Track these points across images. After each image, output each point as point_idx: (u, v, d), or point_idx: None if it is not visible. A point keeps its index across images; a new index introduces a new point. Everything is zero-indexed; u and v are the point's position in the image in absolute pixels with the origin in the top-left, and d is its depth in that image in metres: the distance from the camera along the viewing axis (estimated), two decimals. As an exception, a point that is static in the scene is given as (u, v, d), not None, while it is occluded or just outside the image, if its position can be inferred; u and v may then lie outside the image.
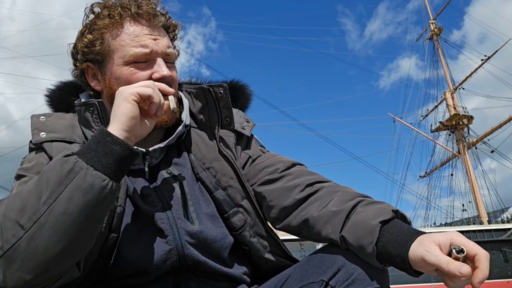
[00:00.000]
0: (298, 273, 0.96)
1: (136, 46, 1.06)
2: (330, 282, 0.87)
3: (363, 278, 0.85)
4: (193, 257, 1.02)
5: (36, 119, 1.14)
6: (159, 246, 1.01)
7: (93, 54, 1.10)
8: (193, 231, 1.04)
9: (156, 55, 1.07)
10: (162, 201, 1.06)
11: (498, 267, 21.77)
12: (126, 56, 1.06)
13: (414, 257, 0.83)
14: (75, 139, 1.10)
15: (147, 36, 1.07)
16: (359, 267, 0.87)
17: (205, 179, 1.12)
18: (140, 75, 1.06)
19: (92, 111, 1.08)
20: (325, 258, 0.92)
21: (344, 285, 0.85)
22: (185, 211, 1.07)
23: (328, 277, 0.87)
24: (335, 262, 0.89)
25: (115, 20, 1.07)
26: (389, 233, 0.87)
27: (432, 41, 39.98)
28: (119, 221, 1.02)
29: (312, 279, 0.90)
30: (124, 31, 1.07)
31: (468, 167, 33.74)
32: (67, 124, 1.13)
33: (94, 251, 0.97)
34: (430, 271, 0.83)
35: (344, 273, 0.86)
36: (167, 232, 1.02)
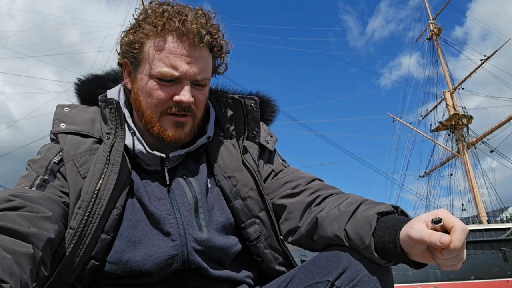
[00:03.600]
0: (303, 273, 0.96)
1: (167, 64, 1.04)
2: (336, 283, 0.87)
3: (368, 279, 0.86)
4: (197, 263, 1.03)
5: (61, 109, 1.17)
6: (165, 250, 1.01)
7: (130, 55, 1.11)
8: (200, 238, 1.04)
9: (185, 78, 1.05)
10: (174, 205, 1.07)
11: (497, 266, 21.77)
12: (154, 70, 1.05)
13: (402, 237, 0.84)
14: (92, 133, 1.12)
15: (182, 57, 1.04)
16: (364, 268, 0.87)
17: (226, 187, 1.13)
18: (160, 92, 1.06)
19: (110, 109, 1.11)
20: (330, 259, 0.92)
21: (349, 286, 0.86)
22: (196, 217, 1.07)
23: (333, 277, 0.88)
24: (340, 263, 0.89)
25: (157, 31, 1.05)
26: (384, 222, 0.89)
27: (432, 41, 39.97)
28: (116, 223, 1.02)
29: (317, 279, 0.90)
30: (162, 45, 1.05)
31: (467, 167, 33.72)
32: (88, 118, 1.16)
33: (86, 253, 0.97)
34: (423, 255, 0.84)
35: (349, 274, 0.87)
36: (174, 237, 1.03)
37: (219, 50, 1.13)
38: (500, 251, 22.10)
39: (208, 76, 1.12)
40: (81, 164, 1.06)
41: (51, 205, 0.97)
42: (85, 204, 0.99)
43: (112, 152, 1.04)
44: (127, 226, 1.03)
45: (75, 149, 1.08)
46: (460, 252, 0.79)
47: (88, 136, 1.11)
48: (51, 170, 1.07)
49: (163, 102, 1.07)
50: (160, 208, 1.06)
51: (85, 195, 1.00)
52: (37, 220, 0.88)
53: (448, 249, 0.77)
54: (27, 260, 0.77)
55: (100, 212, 0.99)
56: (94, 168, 1.03)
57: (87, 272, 0.99)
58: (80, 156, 1.07)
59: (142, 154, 1.11)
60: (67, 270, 0.97)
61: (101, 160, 1.04)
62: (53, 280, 0.97)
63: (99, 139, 1.11)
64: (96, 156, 1.06)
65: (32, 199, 0.93)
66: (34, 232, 0.84)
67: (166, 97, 1.07)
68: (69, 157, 1.07)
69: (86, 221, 0.98)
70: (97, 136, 1.12)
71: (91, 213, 0.98)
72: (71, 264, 0.97)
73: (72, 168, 1.05)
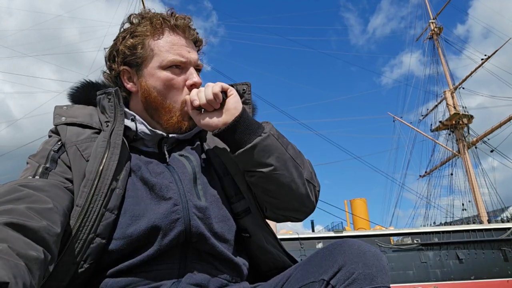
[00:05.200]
0: (299, 272, 0.96)
1: (174, 53, 1.18)
2: (331, 282, 0.87)
3: (364, 278, 0.86)
4: (198, 230, 1.05)
5: (59, 108, 1.24)
6: (168, 215, 1.05)
7: (133, 57, 1.20)
8: (199, 205, 1.09)
9: (190, 64, 1.21)
10: (174, 176, 1.13)
11: (498, 266, 21.79)
12: (164, 61, 1.18)
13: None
14: (92, 124, 1.18)
15: (183, 47, 1.20)
16: (360, 266, 0.87)
17: (216, 164, 1.21)
18: (176, 80, 1.19)
19: (109, 99, 1.18)
20: (326, 258, 0.92)
21: (344, 285, 0.86)
22: (195, 187, 1.14)
23: (329, 276, 0.88)
24: (336, 262, 0.89)
25: (157, 28, 1.20)
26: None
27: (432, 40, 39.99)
28: (119, 200, 1.05)
29: (312, 278, 0.90)
30: (164, 39, 1.20)
31: (468, 166, 33.76)
32: (86, 113, 1.22)
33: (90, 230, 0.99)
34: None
35: (344, 273, 0.87)
36: (176, 202, 1.07)
37: (200, 45, 1.30)
38: (501, 250, 22.13)
39: (202, 64, 1.27)
40: (83, 149, 1.11)
41: (56, 191, 0.99)
42: (90, 182, 1.03)
43: (112, 136, 1.11)
44: (129, 203, 1.06)
45: (77, 137, 1.14)
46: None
47: (87, 126, 1.18)
48: (52, 158, 1.11)
49: (180, 88, 1.20)
50: (162, 179, 1.11)
51: (90, 175, 1.04)
52: (45, 212, 0.90)
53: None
54: (37, 266, 0.78)
55: (104, 190, 1.02)
56: (95, 152, 1.08)
57: (93, 250, 1.00)
58: (82, 142, 1.12)
59: (144, 134, 1.19)
60: (73, 249, 0.99)
61: (102, 144, 1.08)
62: (61, 260, 0.97)
63: (98, 129, 1.17)
64: (96, 142, 1.11)
65: (38, 188, 0.95)
66: (45, 226, 0.85)
67: (181, 83, 1.20)
68: (72, 143, 1.11)
69: (92, 199, 1.01)
70: (96, 126, 1.18)
71: (96, 191, 1.02)
72: (77, 243, 0.99)
73: (75, 153, 1.10)
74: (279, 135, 1.15)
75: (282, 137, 1.17)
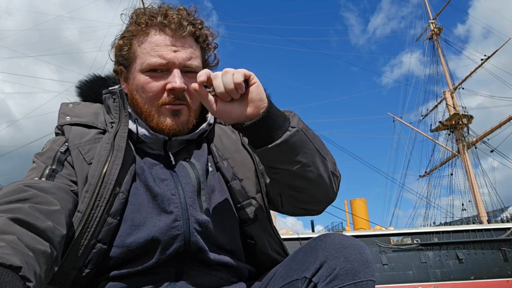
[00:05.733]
0: (283, 269, 0.96)
1: (154, 55, 1.09)
2: (313, 279, 0.86)
3: (345, 273, 0.84)
4: (197, 244, 1.04)
5: (65, 106, 1.22)
6: (167, 230, 1.03)
7: (122, 58, 1.17)
8: (202, 219, 1.06)
9: (173, 66, 1.09)
10: (178, 186, 1.09)
11: (497, 266, 21.77)
12: (144, 64, 1.10)
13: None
14: (96, 124, 1.16)
15: (167, 47, 1.09)
16: (341, 262, 0.85)
17: (224, 169, 1.16)
18: (153, 84, 1.10)
19: (114, 99, 1.15)
20: (307, 254, 0.91)
21: (326, 281, 0.84)
22: (198, 198, 1.09)
23: (310, 274, 0.87)
24: (317, 258, 0.88)
25: (141, 28, 1.12)
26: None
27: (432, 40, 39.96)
28: (122, 206, 1.03)
29: (296, 276, 0.89)
30: (147, 39, 1.11)
31: (467, 166, 33.73)
32: (92, 111, 1.20)
33: (93, 237, 0.99)
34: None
35: (326, 269, 0.85)
36: (177, 217, 1.04)
37: (205, 40, 1.18)
38: (500, 251, 22.11)
39: (198, 64, 1.15)
40: (86, 152, 1.09)
41: (62, 194, 0.99)
42: (92, 187, 1.01)
43: (116, 139, 1.08)
44: (130, 210, 1.05)
45: (80, 138, 1.12)
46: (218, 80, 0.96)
47: (92, 127, 1.15)
48: (59, 159, 1.09)
49: (158, 94, 1.11)
50: (165, 188, 1.08)
51: (92, 179, 1.02)
52: (50, 213, 0.89)
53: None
54: (44, 260, 0.78)
55: (106, 195, 1.01)
56: (99, 154, 1.06)
57: (94, 256, 1.00)
58: (85, 145, 1.10)
59: (145, 137, 1.14)
60: (75, 254, 0.98)
61: (106, 147, 1.06)
62: (62, 264, 0.97)
63: (103, 130, 1.15)
64: (100, 144, 1.09)
65: (44, 189, 0.94)
66: (50, 226, 0.85)
67: (159, 88, 1.10)
68: (75, 146, 1.10)
69: (93, 204, 1.00)
70: (101, 127, 1.15)
71: (97, 196, 1.00)
72: (78, 248, 0.98)
73: (78, 156, 1.08)
74: (306, 128, 1.04)
75: (308, 129, 1.06)
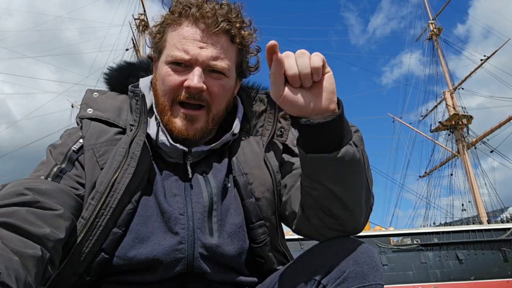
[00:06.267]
0: (290, 272, 0.95)
1: (179, 48, 1.04)
2: (322, 281, 0.86)
3: (355, 276, 0.84)
4: (201, 268, 1.01)
5: (90, 94, 1.17)
6: (171, 252, 1.00)
7: (155, 46, 1.13)
8: (209, 244, 1.02)
9: (196, 63, 1.04)
10: (188, 205, 1.04)
11: (497, 266, 21.77)
12: (168, 56, 1.06)
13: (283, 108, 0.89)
14: (118, 122, 1.11)
15: (194, 42, 1.04)
16: (351, 264, 0.86)
17: (241, 184, 1.09)
18: (173, 78, 1.05)
19: (136, 101, 1.09)
20: (317, 257, 0.91)
21: (335, 284, 0.85)
22: (208, 221, 1.04)
23: (320, 276, 0.87)
24: (326, 261, 0.88)
25: (174, 17, 1.07)
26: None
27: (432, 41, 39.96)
28: (128, 217, 1.01)
29: (304, 278, 0.89)
30: (178, 31, 1.07)
31: (467, 167, 33.72)
32: (116, 106, 1.15)
33: (96, 245, 0.97)
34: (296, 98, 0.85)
35: (335, 272, 0.86)
36: (183, 240, 1.01)
37: (241, 41, 1.10)
38: (500, 251, 22.10)
39: (226, 65, 1.07)
40: (100, 154, 1.04)
41: (64, 198, 0.96)
42: (99, 195, 0.98)
43: (132, 146, 1.03)
44: (137, 222, 1.02)
45: (97, 138, 1.07)
46: (299, 59, 0.83)
47: (112, 124, 1.10)
48: (70, 158, 1.07)
49: (174, 88, 1.05)
50: (174, 205, 1.04)
51: (100, 186, 0.99)
52: (49, 217, 0.88)
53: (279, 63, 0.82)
54: (33, 263, 0.77)
55: (113, 205, 0.98)
56: (112, 160, 1.02)
57: (96, 264, 0.99)
58: (100, 146, 1.06)
59: (164, 145, 1.08)
60: (76, 260, 0.97)
61: (121, 152, 1.02)
62: (62, 269, 0.97)
63: (123, 129, 1.10)
64: (116, 148, 1.04)
65: (46, 193, 0.93)
66: (44, 233, 0.84)
67: (177, 82, 1.05)
68: (90, 146, 1.05)
69: (98, 213, 0.97)
70: (122, 125, 1.10)
71: (103, 205, 0.98)
72: (80, 255, 0.97)
73: (91, 158, 1.04)
74: (364, 150, 0.92)
75: (364, 150, 0.93)
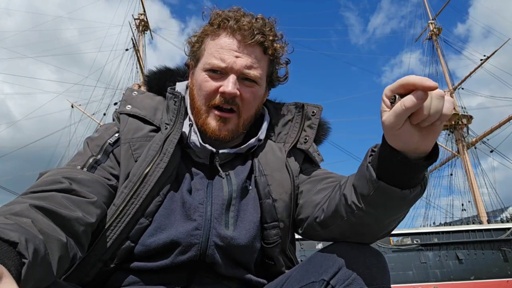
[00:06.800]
0: (298, 272, 0.97)
1: (216, 57, 1.12)
2: (331, 282, 0.88)
3: (363, 277, 0.86)
4: (213, 258, 1.05)
5: (130, 92, 1.25)
6: (186, 237, 1.04)
7: (193, 54, 1.22)
8: (224, 234, 1.06)
9: (231, 71, 1.12)
10: (208, 197, 1.10)
11: (497, 266, 21.79)
12: (206, 63, 1.14)
13: (387, 136, 0.80)
14: (153, 120, 1.18)
15: (231, 51, 1.12)
16: (359, 267, 0.87)
17: (260, 184, 1.14)
18: (209, 84, 1.13)
19: (175, 102, 1.16)
20: (326, 258, 0.93)
21: (344, 285, 0.86)
22: (226, 214, 1.09)
23: (329, 276, 0.88)
24: (335, 262, 0.90)
25: (213, 29, 1.16)
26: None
27: (432, 41, 39.99)
28: (156, 208, 1.06)
29: (313, 278, 0.91)
30: (215, 41, 1.15)
31: (467, 166, 33.73)
32: (152, 105, 1.22)
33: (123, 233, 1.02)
34: (411, 133, 0.76)
35: (344, 273, 0.87)
36: (199, 226, 1.05)
37: (273, 52, 1.18)
38: (500, 251, 22.12)
39: (259, 74, 1.15)
40: (135, 148, 1.11)
41: (98, 188, 1.02)
42: (131, 184, 1.04)
43: (166, 142, 1.09)
44: (161, 214, 1.06)
45: (133, 133, 1.14)
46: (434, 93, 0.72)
47: (148, 122, 1.17)
48: (105, 150, 1.12)
49: (211, 93, 1.13)
50: (196, 198, 1.09)
51: (133, 177, 1.05)
52: (82, 204, 0.94)
53: (417, 98, 0.70)
54: (57, 247, 0.79)
55: (143, 195, 1.04)
56: (146, 154, 1.08)
57: (121, 251, 1.03)
58: (136, 141, 1.12)
59: (194, 145, 1.15)
60: (103, 246, 1.01)
61: (155, 147, 1.08)
62: (88, 255, 1.01)
63: (157, 127, 1.16)
64: (150, 143, 1.11)
65: (81, 182, 0.99)
66: (77, 216, 0.89)
67: (213, 88, 1.12)
68: (126, 140, 1.12)
69: (129, 201, 1.03)
70: (156, 123, 1.17)
71: (134, 194, 1.03)
72: (107, 240, 1.01)
73: (127, 150, 1.11)
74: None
75: None
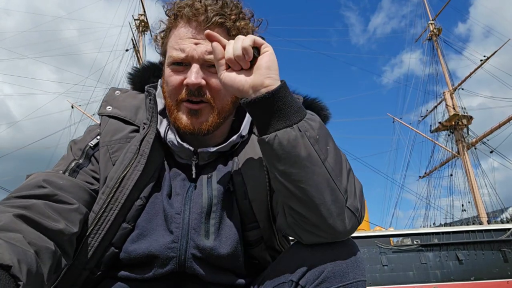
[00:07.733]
0: (271, 273, 0.95)
1: (176, 49, 1.05)
2: (300, 282, 0.86)
3: (333, 275, 0.83)
4: (193, 269, 1.01)
5: (112, 92, 1.21)
6: (164, 250, 1.00)
7: (161, 51, 1.17)
8: (203, 245, 1.01)
9: (192, 60, 1.04)
10: (186, 205, 1.05)
11: (497, 267, 21.75)
12: (168, 58, 1.08)
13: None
14: (134, 120, 1.14)
15: (189, 39, 1.04)
16: (330, 264, 0.84)
17: (236, 184, 1.09)
18: (174, 78, 1.07)
19: (149, 100, 1.13)
20: (294, 258, 0.90)
21: (314, 284, 0.84)
22: (206, 222, 1.04)
23: (297, 277, 0.86)
24: (304, 262, 0.87)
25: (171, 21, 1.10)
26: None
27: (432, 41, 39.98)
28: (137, 213, 1.03)
29: (283, 279, 0.89)
30: (175, 32, 1.08)
31: (467, 167, 33.72)
32: (134, 104, 1.17)
33: (106, 239, 1.00)
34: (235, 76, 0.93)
35: (313, 272, 0.85)
36: (176, 239, 1.01)
37: (238, 33, 1.07)
38: (500, 251, 22.08)
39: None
40: (113, 151, 1.08)
41: (79, 193, 1.01)
42: (108, 190, 1.01)
43: (143, 144, 1.06)
44: (143, 219, 1.03)
45: (112, 135, 1.11)
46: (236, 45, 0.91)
47: (129, 122, 1.13)
48: (87, 153, 1.11)
49: (177, 88, 1.07)
50: (173, 204, 1.05)
51: (110, 181, 1.02)
52: (64, 211, 0.92)
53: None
54: (49, 255, 0.80)
55: (121, 200, 1.00)
56: (123, 157, 1.05)
57: (106, 259, 1.01)
58: (114, 143, 1.09)
59: (172, 144, 1.11)
60: (85, 253, 1.00)
61: (132, 149, 1.06)
62: (73, 263, 0.99)
63: (139, 127, 1.13)
64: (129, 145, 1.08)
65: (62, 187, 0.97)
66: (60, 228, 0.88)
67: (178, 82, 1.06)
68: (104, 143, 1.09)
69: (107, 207, 1.00)
70: (138, 123, 1.13)
71: (112, 200, 1.00)
72: (88, 247, 0.99)
73: (105, 154, 1.08)
74: (319, 139, 0.87)
75: (324, 143, 0.89)
